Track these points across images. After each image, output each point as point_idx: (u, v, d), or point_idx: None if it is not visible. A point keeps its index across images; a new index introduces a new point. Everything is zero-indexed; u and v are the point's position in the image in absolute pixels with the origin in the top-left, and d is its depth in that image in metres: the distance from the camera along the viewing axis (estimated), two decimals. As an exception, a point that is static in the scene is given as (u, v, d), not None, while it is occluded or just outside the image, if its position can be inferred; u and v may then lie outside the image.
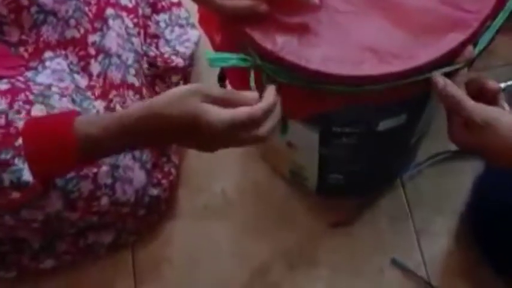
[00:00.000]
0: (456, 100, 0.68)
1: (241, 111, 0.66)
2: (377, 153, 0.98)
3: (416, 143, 1.05)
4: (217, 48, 0.81)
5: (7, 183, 0.70)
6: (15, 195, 0.71)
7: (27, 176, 0.70)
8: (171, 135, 0.69)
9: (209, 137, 0.66)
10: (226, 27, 0.78)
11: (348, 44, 0.73)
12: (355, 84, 0.71)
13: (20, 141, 0.70)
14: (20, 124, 0.71)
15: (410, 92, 0.74)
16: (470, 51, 0.71)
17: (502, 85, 1.20)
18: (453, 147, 1.11)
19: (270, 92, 0.70)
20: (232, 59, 0.72)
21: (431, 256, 1.07)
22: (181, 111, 0.65)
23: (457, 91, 0.69)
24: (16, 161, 0.69)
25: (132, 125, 0.67)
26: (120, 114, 0.69)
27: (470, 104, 0.68)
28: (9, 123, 0.71)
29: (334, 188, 1.08)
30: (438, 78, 0.70)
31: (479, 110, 0.67)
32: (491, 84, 0.71)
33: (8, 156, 0.69)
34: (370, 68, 0.71)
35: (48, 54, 0.92)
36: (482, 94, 0.71)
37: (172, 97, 0.66)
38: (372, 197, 1.11)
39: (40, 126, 0.72)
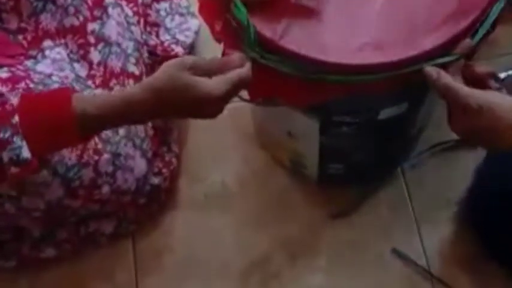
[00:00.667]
0: (450, 89, 0.69)
1: (232, 78, 0.69)
2: (377, 142, 0.98)
3: (417, 133, 1.05)
4: (217, 37, 0.81)
5: (6, 160, 0.70)
6: (14, 170, 0.71)
7: (26, 153, 0.70)
8: (172, 111, 0.72)
9: (205, 106, 0.70)
10: (227, 16, 0.77)
11: (348, 33, 0.72)
12: (353, 73, 0.71)
13: (16, 118, 0.69)
14: (15, 100, 0.71)
15: (411, 80, 0.74)
16: (467, 42, 0.71)
17: (503, 75, 1.20)
18: (454, 136, 1.12)
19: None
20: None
21: (431, 245, 1.07)
22: (177, 89, 0.67)
23: (450, 81, 0.69)
24: (15, 139, 0.69)
25: (130, 105, 0.69)
26: (121, 95, 0.71)
27: (464, 91, 0.68)
28: (4, 101, 0.70)
29: (334, 177, 1.08)
30: (430, 70, 0.70)
31: (473, 95, 0.68)
32: (480, 68, 0.72)
33: (7, 135, 0.69)
34: (369, 56, 0.70)
35: (47, 43, 0.92)
36: (475, 79, 0.72)
37: (167, 77, 0.68)
38: (373, 186, 1.11)
39: (37, 103, 0.72)
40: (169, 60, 0.69)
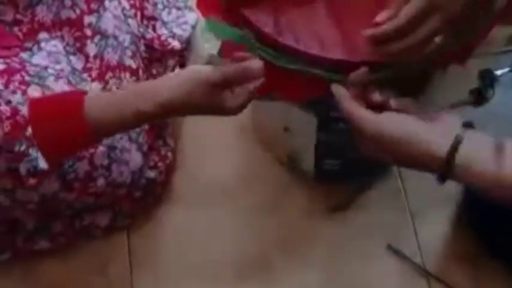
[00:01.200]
0: (348, 112, 0.67)
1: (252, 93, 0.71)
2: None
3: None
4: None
5: (24, 173, 0.72)
6: (32, 181, 0.73)
7: (42, 163, 0.72)
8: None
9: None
10: (225, 9, 0.77)
11: (344, 29, 0.72)
12: (351, 70, 0.71)
13: (29, 130, 0.70)
14: (24, 110, 0.71)
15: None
16: (362, 71, 0.68)
17: (499, 72, 1.20)
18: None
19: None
20: (227, 31, 0.72)
21: (427, 242, 1.07)
22: (199, 107, 0.71)
23: (348, 103, 0.67)
24: (30, 151, 0.70)
25: (146, 119, 0.74)
26: (137, 109, 0.71)
27: (357, 115, 0.66)
28: (14, 112, 0.71)
29: (330, 173, 1.07)
30: (334, 88, 0.69)
31: (367, 121, 0.66)
32: (376, 97, 0.68)
33: (22, 148, 0.70)
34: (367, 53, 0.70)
35: (43, 35, 0.92)
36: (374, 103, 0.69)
37: (189, 97, 0.69)
38: (369, 182, 1.11)
39: (48, 111, 0.72)
40: (195, 78, 0.69)
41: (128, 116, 0.71)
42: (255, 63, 0.70)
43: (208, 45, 0.77)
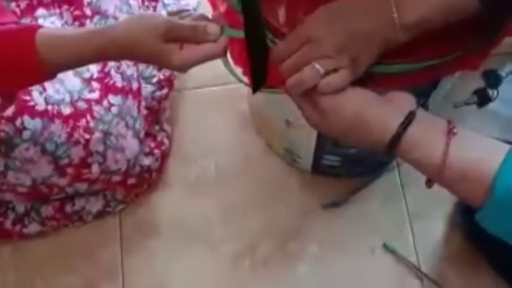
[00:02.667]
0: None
1: (202, 58, 0.67)
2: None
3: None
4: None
5: None
6: None
7: None
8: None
9: (174, 69, 0.69)
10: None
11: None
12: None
13: None
14: None
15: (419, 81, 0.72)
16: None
17: (503, 73, 1.18)
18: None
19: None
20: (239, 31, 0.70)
21: (422, 241, 1.06)
22: (145, 53, 0.66)
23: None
24: None
25: (98, 55, 0.68)
26: (85, 39, 0.67)
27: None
28: None
29: (328, 168, 1.06)
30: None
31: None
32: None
33: None
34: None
35: (41, 11, 0.89)
36: None
37: (135, 38, 0.66)
38: (367, 179, 1.10)
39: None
40: (143, 18, 0.67)
41: (84, 51, 0.67)
42: (211, 27, 0.67)
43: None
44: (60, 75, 0.88)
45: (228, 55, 0.73)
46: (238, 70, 0.78)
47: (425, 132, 0.60)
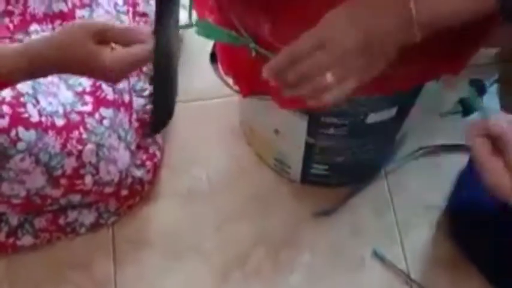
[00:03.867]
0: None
1: (132, 58, 0.67)
2: (363, 145, 0.98)
3: (402, 137, 1.06)
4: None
5: None
6: None
7: None
8: (66, 69, 0.70)
9: (103, 74, 0.68)
10: (222, 10, 0.76)
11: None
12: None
13: None
14: None
15: (402, 86, 0.74)
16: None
17: (488, 82, 1.21)
18: (437, 142, 1.14)
19: None
20: (223, 34, 0.71)
21: (412, 248, 1.07)
22: (75, 53, 0.66)
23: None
24: None
25: (32, 63, 0.67)
26: (15, 48, 0.67)
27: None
28: None
29: (317, 177, 1.08)
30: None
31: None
32: None
33: None
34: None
35: (34, 27, 0.91)
36: None
37: (66, 38, 0.66)
38: (355, 187, 1.11)
39: None
40: (77, 21, 0.68)
41: (18, 61, 0.67)
42: (144, 28, 0.69)
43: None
44: (53, 89, 0.90)
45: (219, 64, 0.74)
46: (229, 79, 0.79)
47: None
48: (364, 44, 0.59)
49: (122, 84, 0.99)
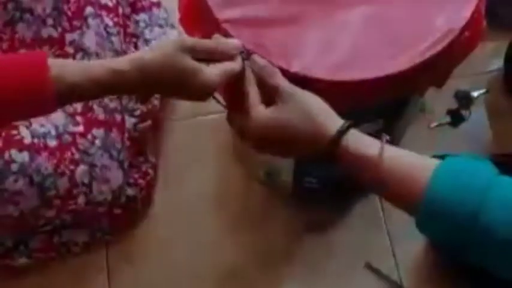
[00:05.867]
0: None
1: (228, 71, 0.67)
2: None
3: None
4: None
5: None
6: None
7: None
8: (161, 91, 0.70)
9: (200, 92, 0.67)
10: (208, 27, 0.78)
11: (328, 48, 0.73)
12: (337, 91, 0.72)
13: None
14: None
15: (388, 97, 0.75)
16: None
17: (475, 93, 1.22)
18: (426, 153, 1.14)
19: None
20: None
21: (404, 260, 1.08)
22: (174, 72, 0.64)
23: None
24: None
25: (120, 81, 0.64)
26: (111, 69, 0.64)
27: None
28: None
29: (308, 191, 1.08)
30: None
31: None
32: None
33: None
34: (347, 73, 0.71)
35: (23, 52, 0.92)
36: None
37: (163, 58, 0.64)
38: (348, 200, 1.12)
39: (11, 69, 0.63)
40: (166, 40, 0.68)
41: (101, 75, 0.63)
42: (231, 41, 0.69)
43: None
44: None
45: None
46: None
47: (361, 138, 0.64)
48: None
49: (114, 104, 1.00)
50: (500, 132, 1.19)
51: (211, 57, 0.67)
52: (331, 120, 0.64)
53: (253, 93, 0.67)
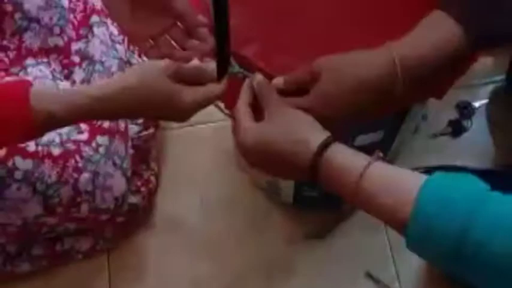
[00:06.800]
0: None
1: (209, 94, 0.68)
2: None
3: (392, 159, 1.07)
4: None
5: None
6: None
7: None
8: (143, 113, 0.71)
9: (182, 114, 0.69)
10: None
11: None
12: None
13: None
14: None
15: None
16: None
17: (477, 104, 1.23)
18: (428, 163, 1.15)
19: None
20: None
21: (405, 269, 1.09)
22: (156, 95, 0.66)
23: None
24: None
25: (102, 107, 0.65)
26: (92, 96, 0.66)
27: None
28: None
29: (309, 199, 1.09)
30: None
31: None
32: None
33: None
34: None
35: (30, 61, 0.93)
36: None
37: (145, 82, 0.66)
38: (348, 209, 1.13)
39: None
40: (146, 63, 0.68)
41: (84, 103, 0.65)
42: (208, 65, 0.70)
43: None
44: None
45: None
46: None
47: (346, 154, 0.61)
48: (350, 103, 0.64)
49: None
50: (502, 142, 1.19)
51: (193, 80, 0.68)
52: (313, 136, 0.62)
53: (244, 109, 0.68)
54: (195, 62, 0.70)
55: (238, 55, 0.74)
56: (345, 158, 0.61)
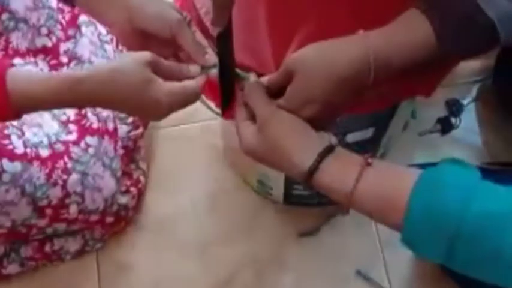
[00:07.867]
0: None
1: (187, 87, 0.67)
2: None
3: (380, 157, 1.08)
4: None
5: None
6: None
7: None
8: (121, 97, 0.66)
9: (158, 105, 0.66)
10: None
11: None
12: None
13: None
14: None
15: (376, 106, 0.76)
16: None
17: (465, 101, 1.24)
18: (417, 161, 1.16)
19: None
20: None
21: (394, 268, 1.09)
22: (132, 77, 0.64)
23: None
24: None
25: (76, 92, 0.64)
26: (66, 74, 0.65)
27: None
28: None
29: (300, 198, 1.09)
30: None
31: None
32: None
33: None
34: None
35: (17, 61, 0.92)
36: None
37: (125, 62, 0.64)
38: (338, 206, 1.12)
39: None
40: (126, 52, 0.67)
41: (60, 87, 0.63)
42: (192, 66, 0.69)
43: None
44: (38, 120, 0.91)
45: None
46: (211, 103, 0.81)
47: (341, 163, 0.62)
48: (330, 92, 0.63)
49: (106, 113, 1.00)
50: (490, 140, 1.20)
51: (172, 76, 0.67)
52: (299, 160, 0.62)
53: (241, 109, 0.68)
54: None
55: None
56: (333, 182, 0.62)
